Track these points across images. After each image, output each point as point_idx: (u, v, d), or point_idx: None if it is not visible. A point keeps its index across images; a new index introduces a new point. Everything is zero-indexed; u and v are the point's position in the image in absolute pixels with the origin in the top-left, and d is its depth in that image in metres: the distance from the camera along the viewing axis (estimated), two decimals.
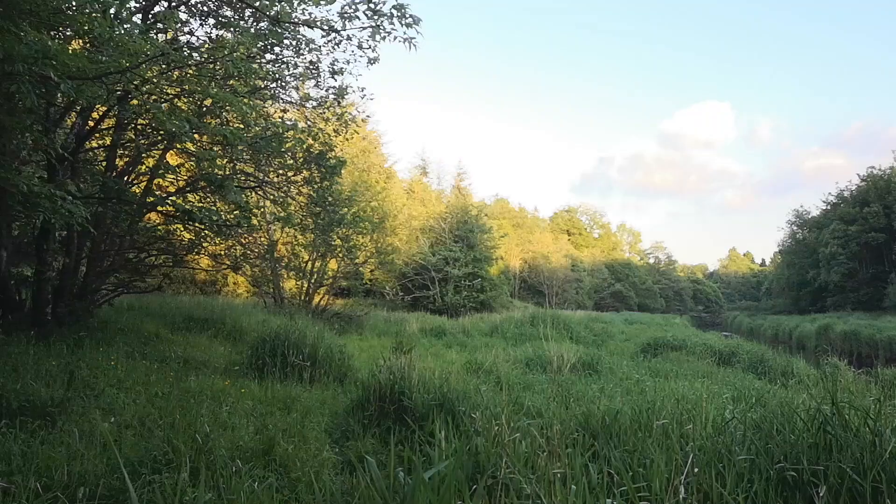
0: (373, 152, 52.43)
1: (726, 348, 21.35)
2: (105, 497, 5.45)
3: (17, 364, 8.73)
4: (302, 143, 15.18)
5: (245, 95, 12.63)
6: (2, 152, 10.24)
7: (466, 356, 17.42)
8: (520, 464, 5.58)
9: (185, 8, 14.45)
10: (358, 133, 20.93)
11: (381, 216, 32.14)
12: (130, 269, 16.04)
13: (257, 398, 9.60)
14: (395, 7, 10.37)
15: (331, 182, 17.64)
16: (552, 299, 68.34)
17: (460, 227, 50.20)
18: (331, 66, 15.37)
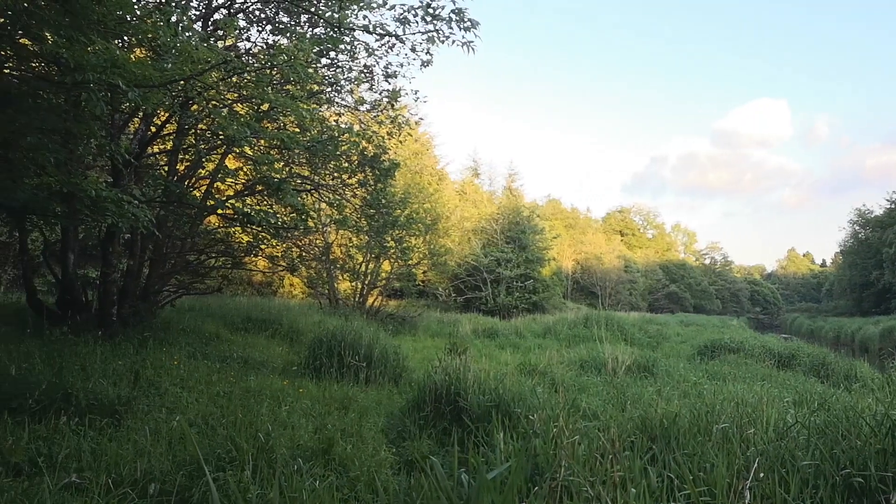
0: (425, 154, 52.61)
1: (786, 351, 20.82)
2: (172, 493, 5.57)
3: (85, 363, 8.97)
4: (357, 146, 15.35)
5: (302, 100, 12.82)
6: (69, 158, 10.61)
7: (520, 357, 17.35)
8: (579, 466, 5.56)
9: (243, 15, 14.75)
10: (411, 135, 21.07)
11: (433, 218, 32.24)
12: (191, 271, 16.42)
13: (315, 398, 9.71)
14: (453, 11, 10.42)
15: (384, 184, 17.80)
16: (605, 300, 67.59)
17: (512, 228, 50.01)
18: (384, 69, 15.54)
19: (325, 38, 12.60)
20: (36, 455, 5.99)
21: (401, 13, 11.00)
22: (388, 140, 17.42)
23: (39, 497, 4.87)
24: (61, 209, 10.59)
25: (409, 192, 27.94)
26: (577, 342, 23.04)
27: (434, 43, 10.82)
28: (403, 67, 15.24)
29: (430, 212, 31.78)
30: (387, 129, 17.43)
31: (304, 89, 13.69)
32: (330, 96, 16.89)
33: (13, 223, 13.60)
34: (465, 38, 10.59)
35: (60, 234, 13.62)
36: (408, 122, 18.12)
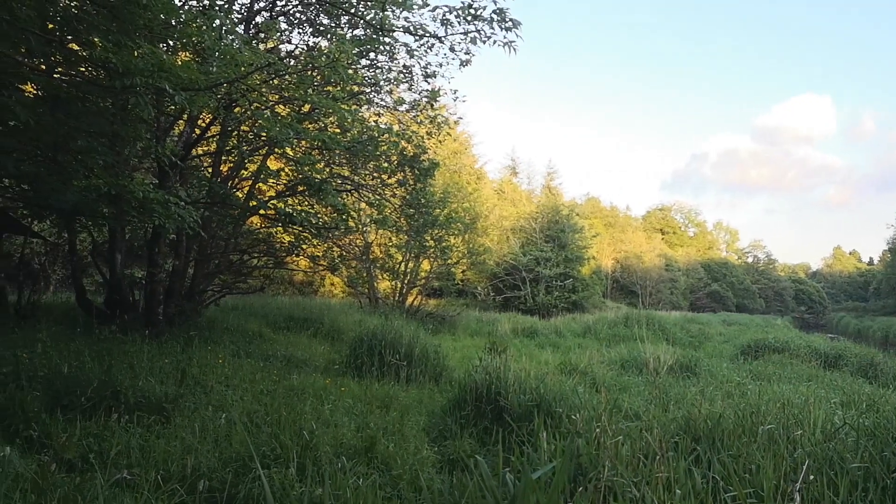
0: (464, 153, 52.64)
1: (832, 351, 20.40)
2: (218, 490, 5.66)
3: (133, 362, 9.13)
4: (396, 146, 15.42)
5: (343, 101, 12.92)
6: (117, 161, 10.84)
7: (560, 357, 17.28)
8: (622, 467, 5.52)
9: (284, 17, 14.91)
10: (450, 135, 21.10)
11: (472, 217, 32.22)
12: (234, 271, 16.65)
13: (357, 396, 9.77)
14: (495, 12, 10.40)
15: (424, 184, 17.85)
16: (646, 299, 66.91)
17: (551, 226, 49.73)
18: (424, 69, 15.58)
19: (365, 39, 12.70)
20: (87, 451, 6.13)
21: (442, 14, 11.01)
22: (428, 140, 17.47)
23: (92, 493, 4.97)
24: (109, 210, 10.82)
25: (449, 192, 27.96)
26: (618, 342, 22.86)
27: (475, 43, 10.80)
28: (442, 67, 15.29)
29: (469, 211, 31.76)
30: (426, 129, 17.48)
31: (345, 90, 13.79)
32: (370, 97, 17.00)
33: (63, 224, 13.94)
34: (507, 39, 10.56)
35: (108, 234, 13.92)
36: (447, 121, 18.14)
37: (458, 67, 14.63)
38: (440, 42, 12.67)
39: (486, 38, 10.79)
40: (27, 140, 9.59)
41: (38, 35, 7.70)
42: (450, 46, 13.26)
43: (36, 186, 10.91)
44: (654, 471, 5.34)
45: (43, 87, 9.34)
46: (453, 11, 10.90)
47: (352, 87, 14.44)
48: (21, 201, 12.85)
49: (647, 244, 79.86)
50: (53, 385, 7.64)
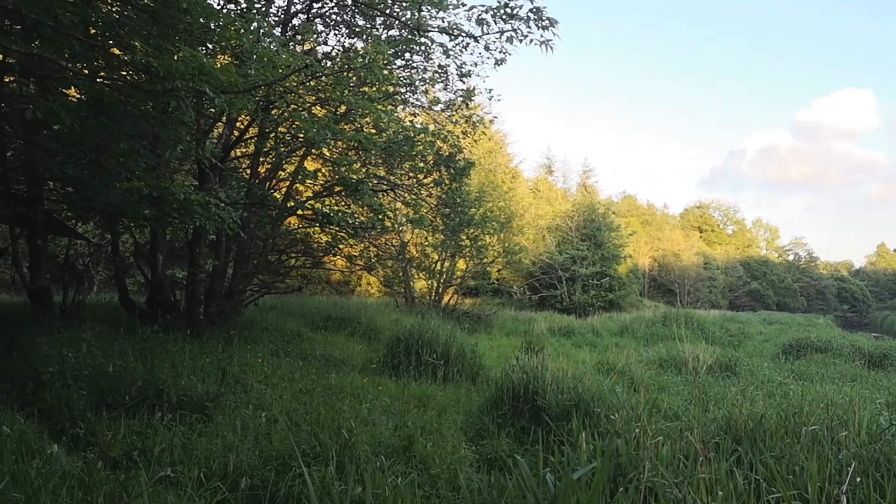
0: (499, 152, 52.53)
1: (877, 350, 19.97)
2: (259, 487, 5.72)
3: (175, 361, 9.27)
4: (432, 146, 15.44)
5: (378, 101, 12.98)
6: (158, 163, 11.02)
7: (597, 356, 17.16)
8: (662, 467, 5.47)
9: (320, 19, 15.03)
10: (485, 134, 21.08)
11: (507, 216, 32.14)
12: (272, 271, 16.82)
13: (394, 395, 9.81)
14: (531, 10, 10.35)
15: (459, 183, 17.86)
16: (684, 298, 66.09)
17: (587, 225, 49.40)
18: (459, 69, 15.59)
19: (400, 39, 12.74)
20: (131, 449, 6.24)
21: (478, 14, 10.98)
22: (463, 139, 17.47)
23: (137, 490, 5.05)
24: (150, 212, 10.99)
25: (484, 191, 27.95)
26: (656, 341, 22.65)
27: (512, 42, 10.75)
28: (477, 66, 15.30)
29: (505, 210, 31.69)
30: (461, 129, 17.50)
31: (381, 91, 13.86)
32: (405, 97, 17.07)
33: (105, 226, 14.20)
34: (544, 37, 10.49)
35: (150, 236, 14.16)
36: (482, 120, 18.13)
37: (493, 66, 14.66)
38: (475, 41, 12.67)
39: (523, 38, 10.73)
40: (71, 143, 9.80)
41: (81, 40, 7.85)
42: (485, 45, 13.25)
43: (80, 189, 11.13)
44: (696, 472, 5.28)
45: (86, 91, 9.52)
46: (489, 11, 10.87)
47: (387, 88, 14.51)
48: (66, 203, 13.12)
49: (684, 242, 78.97)
50: (98, 384, 7.79)
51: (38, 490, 4.65)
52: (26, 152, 10.84)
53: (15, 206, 10.40)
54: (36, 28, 7.85)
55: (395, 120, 14.66)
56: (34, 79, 9.35)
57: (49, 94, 8.64)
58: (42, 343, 8.91)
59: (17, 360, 8.45)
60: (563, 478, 4.00)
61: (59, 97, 9.15)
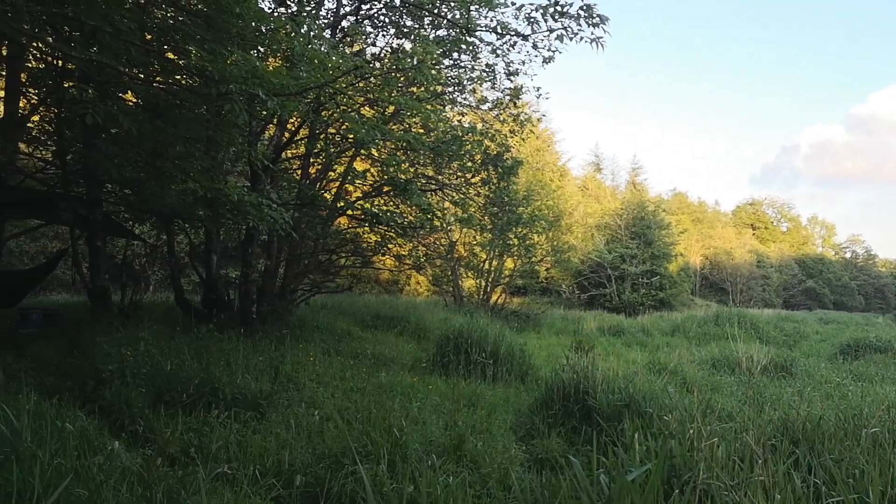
0: (546, 150, 52.29)
1: None
2: (313, 485, 5.79)
3: (229, 359, 9.41)
4: (480, 146, 15.43)
5: (427, 101, 13.03)
6: (212, 165, 11.23)
7: (648, 356, 16.97)
8: (718, 469, 5.38)
9: (369, 21, 15.14)
10: (533, 133, 21.00)
11: (556, 214, 31.98)
12: (323, 271, 17.00)
13: (444, 394, 9.82)
14: (581, 8, 10.26)
15: (507, 182, 17.82)
16: (736, 297, 64.90)
17: (637, 223, 48.81)
18: (506, 67, 15.57)
19: (449, 39, 12.76)
20: (188, 446, 6.37)
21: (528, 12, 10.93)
22: (511, 138, 17.42)
23: (194, 486, 5.15)
24: (205, 213, 11.20)
25: (532, 190, 27.86)
26: (708, 340, 22.27)
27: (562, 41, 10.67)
28: (525, 65, 15.25)
29: (553, 208, 31.54)
30: (509, 127, 17.46)
31: (429, 91, 13.90)
32: (453, 97, 17.10)
33: (161, 227, 14.52)
34: (594, 35, 10.39)
35: (204, 236, 14.43)
36: (529, 119, 18.08)
37: (541, 64, 14.59)
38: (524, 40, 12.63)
39: (573, 35, 10.66)
40: (129, 147, 10.05)
41: (137, 45, 8.04)
42: (532, 44, 13.20)
43: (137, 191, 11.41)
44: (753, 474, 5.18)
45: (143, 95, 9.75)
46: (539, 9, 10.82)
47: (435, 88, 14.55)
48: (123, 205, 13.46)
49: (737, 240, 77.53)
50: (155, 382, 7.96)
51: (99, 486, 4.77)
52: (86, 156, 11.15)
53: (75, 208, 10.69)
54: (94, 34, 8.08)
55: (444, 120, 14.70)
56: (93, 84, 9.61)
57: (108, 99, 8.87)
58: (102, 342, 9.13)
59: (79, 359, 8.68)
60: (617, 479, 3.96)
61: (117, 102, 9.39)
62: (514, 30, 11.90)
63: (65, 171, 12.33)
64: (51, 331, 10.89)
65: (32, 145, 14.63)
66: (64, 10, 7.00)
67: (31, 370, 7.98)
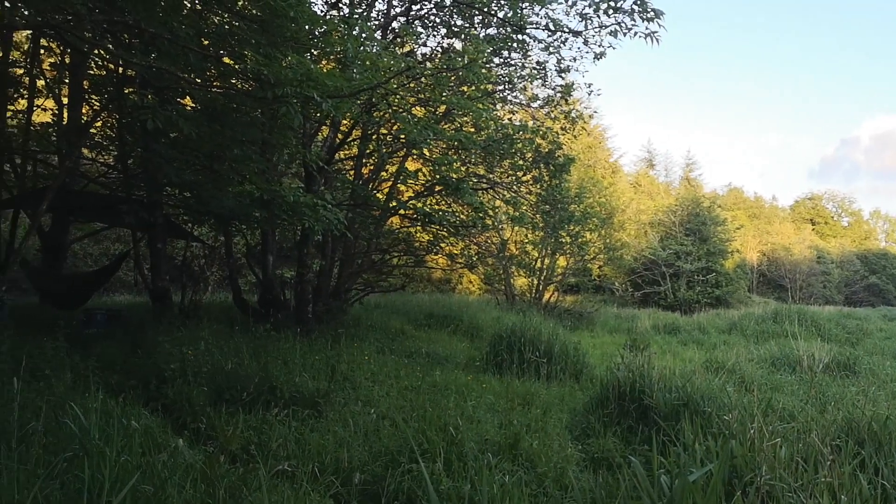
0: (598, 147, 51.88)
1: None
2: (370, 483, 5.84)
3: (286, 358, 9.57)
4: (531, 144, 15.37)
5: (478, 100, 13.03)
6: (267, 167, 11.41)
7: (705, 354, 16.66)
8: (780, 470, 5.26)
9: (419, 21, 15.21)
10: (584, 130, 20.84)
11: (608, 212, 31.68)
12: (376, 270, 17.14)
13: (498, 393, 9.80)
14: (635, 3, 10.15)
15: (559, 180, 17.71)
16: (795, 294, 63.30)
17: (691, 219, 48.00)
18: (557, 64, 15.48)
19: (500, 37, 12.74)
20: (248, 443, 6.49)
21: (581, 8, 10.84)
22: (562, 135, 17.31)
23: (255, 483, 5.25)
24: (261, 214, 11.39)
25: (584, 187, 27.62)
26: (766, 338, 21.76)
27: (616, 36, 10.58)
28: (576, 62, 15.16)
29: (605, 206, 31.24)
30: (560, 125, 17.35)
31: (479, 90, 13.91)
32: (503, 95, 17.06)
33: (219, 228, 14.80)
34: (648, 30, 10.26)
35: (260, 237, 14.67)
36: (581, 116, 17.94)
37: (592, 61, 14.47)
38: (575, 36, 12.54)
39: (627, 31, 10.55)
40: (188, 151, 10.29)
41: (195, 51, 8.22)
42: (584, 40, 13.11)
43: (195, 193, 11.65)
44: (818, 475, 5.06)
45: (200, 100, 9.97)
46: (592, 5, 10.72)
47: (486, 86, 14.54)
48: (182, 208, 13.78)
49: (795, 235, 75.65)
50: (216, 380, 8.12)
51: (164, 482, 4.88)
52: (146, 160, 11.44)
53: (137, 211, 10.99)
54: (154, 41, 8.29)
55: (495, 118, 14.68)
56: (153, 90, 9.86)
57: (167, 105, 9.08)
58: (164, 341, 9.35)
59: (142, 358, 8.93)
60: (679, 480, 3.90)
61: (176, 107, 9.61)
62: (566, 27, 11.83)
63: (126, 176, 12.67)
64: (114, 331, 11.20)
65: (95, 150, 15.09)
66: (125, 17, 7.19)
67: (97, 369, 8.20)
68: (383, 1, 15.21)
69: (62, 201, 12.10)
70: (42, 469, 4.70)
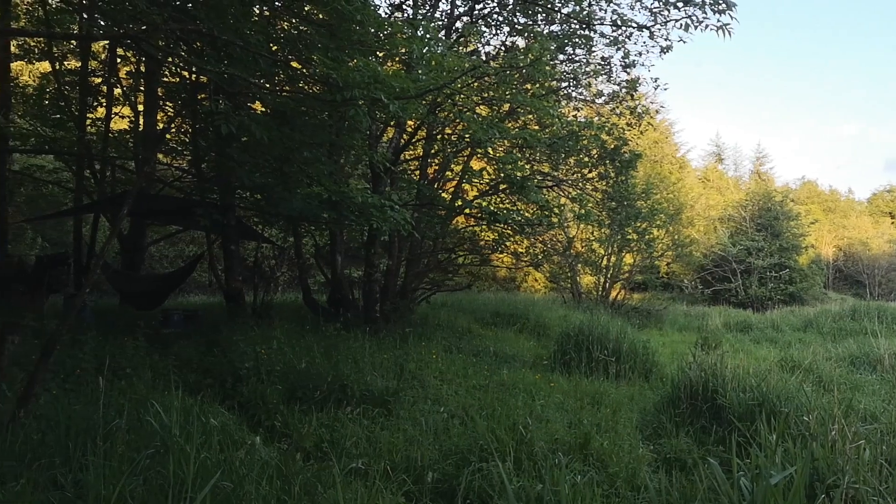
0: (664, 142, 51.02)
1: None
2: (441, 482, 5.88)
3: (356, 357, 9.69)
4: (597, 140, 15.23)
5: (543, 98, 12.97)
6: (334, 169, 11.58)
7: (779, 353, 16.22)
8: (865, 473, 5.10)
9: (482, 20, 15.22)
10: (651, 125, 20.54)
11: (676, 208, 31.14)
12: (442, 269, 17.22)
13: (566, 392, 9.75)
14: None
15: (626, 176, 17.50)
16: (874, 290, 60.99)
17: (763, 214, 46.72)
18: (622, 59, 15.31)
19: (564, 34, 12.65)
20: (321, 441, 6.61)
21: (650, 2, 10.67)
22: (628, 131, 17.11)
23: (329, 480, 5.34)
24: (329, 215, 11.57)
25: (651, 183, 27.22)
26: (844, 336, 21.04)
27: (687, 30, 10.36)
28: (642, 56, 14.95)
29: (673, 202, 30.72)
30: (626, 120, 17.14)
31: (544, 87, 13.84)
32: (568, 92, 16.95)
33: (289, 229, 15.11)
34: (720, 22, 10.02)
35: (328, 238, 14.91)
36: (647, 111, 17.69)
37: (658, 55, 14.25)
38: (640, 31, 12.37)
39: (698, 24, 10.34)
40: (259, 154, 10.51)
41: (265, 57, 8.39)
42: (649, 34, 12.91)
43: (266, 196, 11.91)
44: None
45: (270, 104, 10.19)
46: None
47: (550, 84, 14.46)
48: (254, 210, 14.10)
49: (873, 229, 72.82)
50: (289, 379, 8.29)
51: (242, 479, 5.01)
52: (219, 164, 11.76)
53: (211, 214, 11.28)
54: (226, 48, 8.51)
55: (560, 116, 14.60)
56: (224, 96, 10.12)
57: (239, 110, 9.31)
58: (238, 341, 9.59)
59: (217, 357, 9.17)
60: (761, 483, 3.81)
61: (247, 111, 9.84)
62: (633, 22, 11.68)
63: (200, 179, 13.04)
64: (190, 331, 11.54)
65: (170, 155, 15.58)
66: (198, 26, 7.40)
67: (175, 368, 8.47)
68: (447, 1, 15.31)
69: (140, 205, 12.52)
70: (126, 465, 4.86)
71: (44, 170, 18.56)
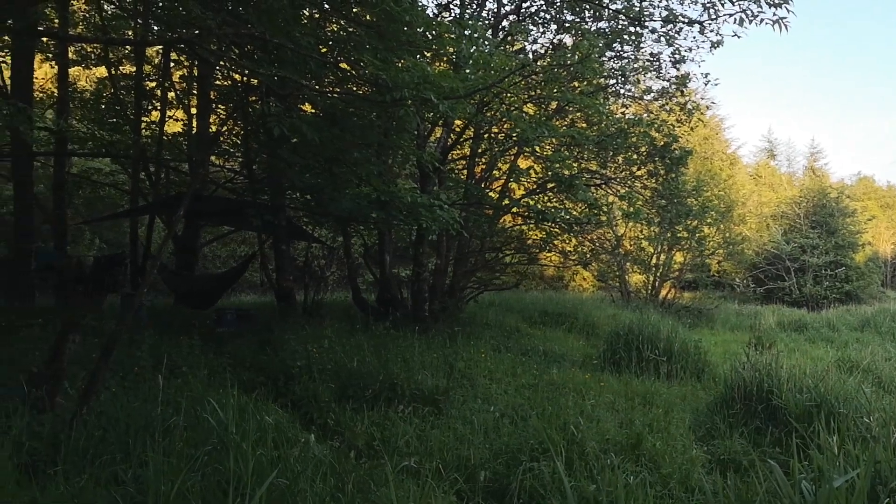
0: (715, 139, 50.21)
1: None
2: (492, 481, 5.88)
3: (405, 356, 9.75)
4: (646, 137, 15.06)
5: (590, 95, 12.88)
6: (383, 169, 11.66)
7: (836, 353, 15.85)
8: None
9: (529, 19, 15.17)
10: (701, 121, 20.23)
11: (727, 205, 30.61)
12: (489, 268, 17.21)
13: (616, 392, 9.66)
14: None
15: (676, 173, 17.27)
16: None
17: (817, 211, 45.58)
18: (671, 55, 15.12)
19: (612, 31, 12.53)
20: (372, 439, 6.67)
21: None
22: (678, 128, 16.87)
23: (381, 478, 5.37)
24: (378, 215, 11.65)
25: (701, 180, 26.80)
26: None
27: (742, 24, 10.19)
28: (692, 52, 14.75)
29: (724, 199, 30.20)
30: (675, 117, 16.91)
31: (592, 84, 13.73)
32: (616, 89, 16.80)
33: (338, 229, 15.25)
34: (776, 15, 9.82)
35: (377, 238, 15.02)
36: (697, 107, 17.44)
37: (708, 50, 14.04)
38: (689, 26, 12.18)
39: (753, 18, 10.15)
40: (309, 155, 10.63)
41: (315, 58, 8.49)
42: (700, 29, 12.73)
43: (316, 196, 12.04)
44: None
45: (320, 105, 10.30)
46: None
47: (598, 81, 14.35)
48: (304, 210, 14.27)
49: None
50: (339, 377, 8.38)
51: (297, 476, 5.08)
52: (270, 165, 11.92)
53: (262, 214, 11.46)
54: (276, 51, 8.63)
55: (608, 113, 14.47)
56: (275, 98, 10.26)
57: (290, 112, 9.44)
58: (290, 339, 9.72)
59: (270, 356, 9.31)
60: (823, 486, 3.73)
61: (298, 113, 9.97)
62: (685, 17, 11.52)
63: (252, 180, 13.25)
64: (243, 330, 11.73)
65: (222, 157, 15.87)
66: (250, 30, 7.52)
67: (230, 366, 8.64)
68: (493, 0, 15.28)
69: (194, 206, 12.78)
70: (184, 462, 4.96)
71: (101, 172, 19.08)
